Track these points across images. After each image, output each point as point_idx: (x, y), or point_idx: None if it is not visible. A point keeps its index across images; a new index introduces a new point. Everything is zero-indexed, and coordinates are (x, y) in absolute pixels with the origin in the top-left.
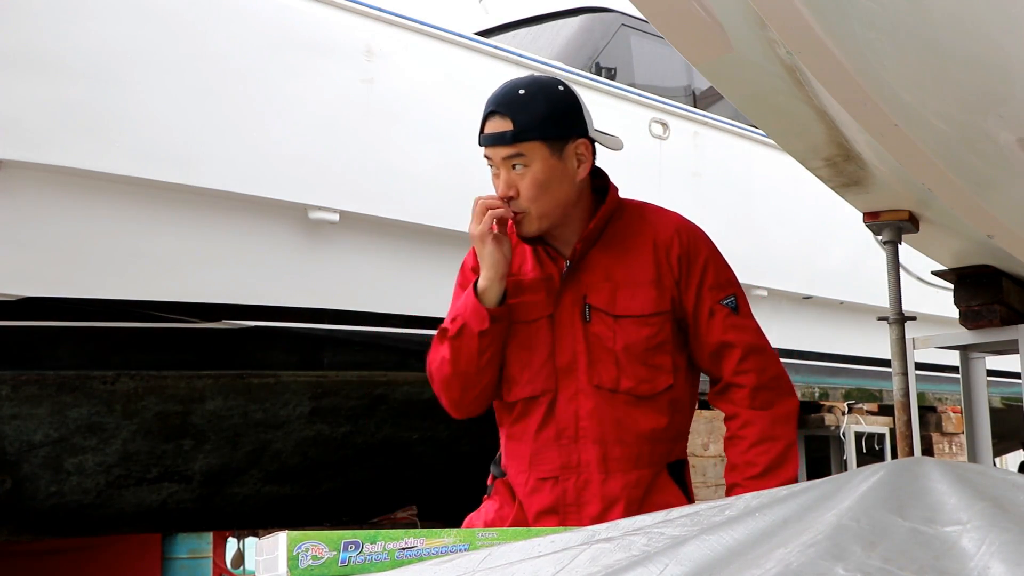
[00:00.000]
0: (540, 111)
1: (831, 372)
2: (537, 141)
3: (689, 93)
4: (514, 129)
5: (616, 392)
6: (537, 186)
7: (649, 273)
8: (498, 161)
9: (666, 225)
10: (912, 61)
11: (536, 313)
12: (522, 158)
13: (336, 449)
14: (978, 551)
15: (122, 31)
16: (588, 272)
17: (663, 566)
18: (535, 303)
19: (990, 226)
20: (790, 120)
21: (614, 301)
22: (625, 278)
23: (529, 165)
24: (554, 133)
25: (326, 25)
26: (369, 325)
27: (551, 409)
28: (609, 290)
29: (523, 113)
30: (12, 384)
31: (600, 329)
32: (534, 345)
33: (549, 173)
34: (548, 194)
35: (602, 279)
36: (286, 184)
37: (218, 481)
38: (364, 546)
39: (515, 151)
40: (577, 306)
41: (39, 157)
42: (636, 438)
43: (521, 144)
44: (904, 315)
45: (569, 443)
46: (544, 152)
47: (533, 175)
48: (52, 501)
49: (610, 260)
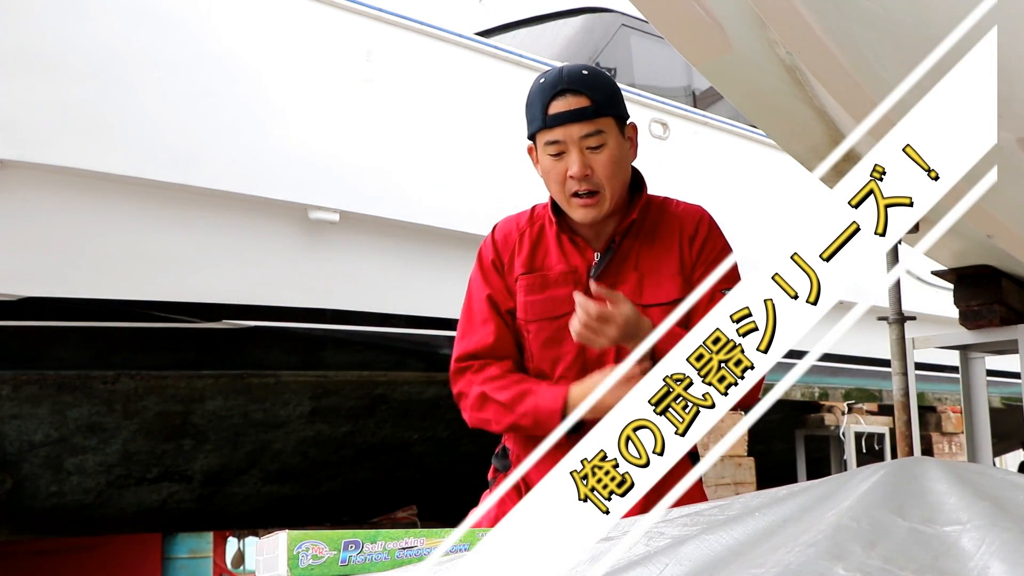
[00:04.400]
0: (611, 88)
1: (831, 372)
2: (612, 118)
3: (689, 93)
4: (592, 105)
5: None
6: (614, 164)
7: (674, 264)
8: (572, 140)
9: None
10: (912, 61)
11: (564, 308)
12: (601, 135)
13: (336, 449)
14: (978, 551)
15: (122, 31)
16: (617, 263)
17: (663, 566)
18: (562, 298)
19: (990, 226)
20: (790, 120)
21: (641, 291)
22: (651, 268)
23: (606, 143)
24: (624, 111)
25: (326, 25)
26: (369, 325)
27: None
28: (636, 280)
29: (597, 90)
30: (12, 384)
31: None
32: (564, 339)
33: (622, 151)
34: (622, 173)
35: (630, 269)
36: (286, 184)
37: (218, 481)
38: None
39: (595, 127)
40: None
41: (39, 157)
42: None
43: (600, 120)
44: (904, 315)
45: None
46: (616, 130)
47: (610, 152)
48: (52, 501)
49: (638, 251)
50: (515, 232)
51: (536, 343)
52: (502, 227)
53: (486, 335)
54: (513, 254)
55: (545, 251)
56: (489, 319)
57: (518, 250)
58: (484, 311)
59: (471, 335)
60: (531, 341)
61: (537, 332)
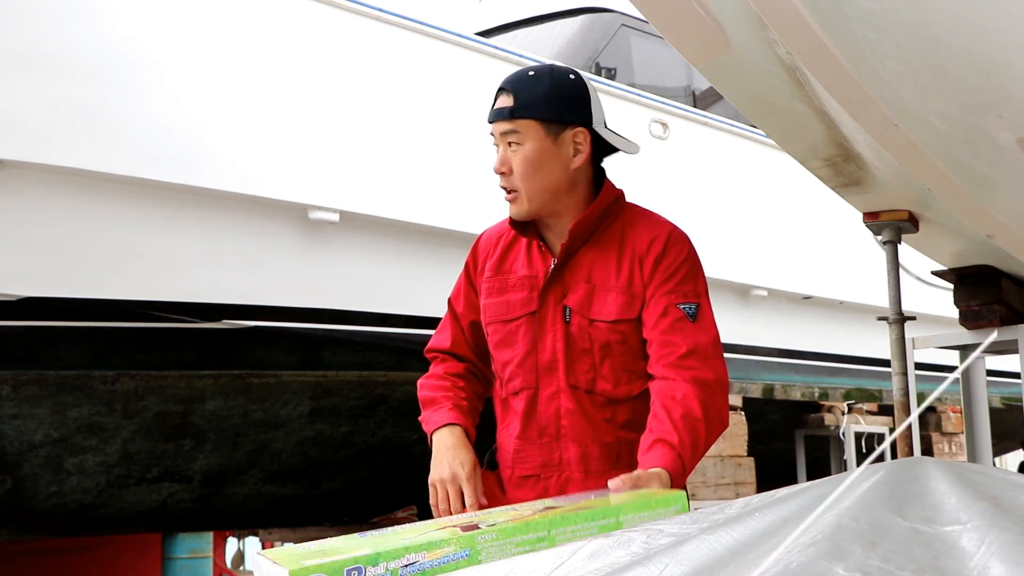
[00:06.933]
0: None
1: (831, 372)
2: (532, 120)
3: (689, 93)
4: (513, 106)
5: (592, 393)
6: (527, 164)
7: (622, 279)
8: (499, 137)
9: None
10: (912, 61)
11: (517, 311)
12: (517, 135)
13: (336, 449)
14: (978, 551)
15: (122, 31)
16: (572, 272)
17: (663, 566)
18: (517, 302)
19: (990, 226)
20: (790, 120)
21: (589, 304)
22: (601, 281)
23: (523, 143)
24: (549, 115)
25: (326, 25)
26: (369, 325)
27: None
28: (586, 292)
29: (525, 92)
30: (12, 384)
31: (578, 330)
32: (515, 342)
33: (541, 154)
34: (538, 175)
35: (582, 280)
36: (286, 184)
37: (218, 481)
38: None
39: (511, 127)
40: (559, 306)
41: (39, 157)
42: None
43: (517, 121)
44: (904, 315)
45: (551, 441)
46: (539, 132)
47: (524, 153)
48: (52, 501)
49: (592, 262)
50: (495, 237)
51: (492, 344)
52: (488, 232)
53: (444, 338)
54: (487, 258)
55: (515, 256)
56: (448, 321)
57: (492, 254)
58: (448, 313)
59: (438, 333)
60: (490, 342)
61: (493, 334)
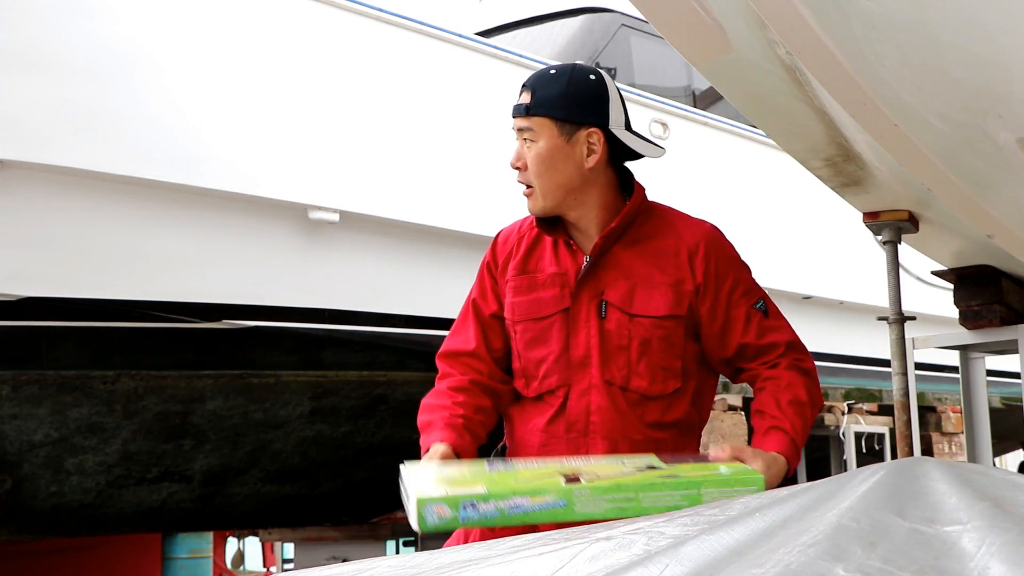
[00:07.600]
0: (557, 91)
1: (831, 372)
2: (546, 118)
3: (689, 93)
4: (529, 103)
5: (627, 390)
6: (540, 162)
7: (669, 276)
8: (516, 132)
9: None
10: (912, 61)
11: (549, 309)
12: (532, 132)
13: (336, 449)
14: (978, 551)
15: (122, 31)
16: (608, 269)
17: (663, 566)
18: (549, 299)
19: (990, 226)
20: (790, 120)
21: (631, 300)
22: (644, 278)
23: (537, 140)
24: (562, 115)
25: (326, 25)
26: (369, 325)
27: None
28: (627, 288)
29: (542, 90)
30: (12, 384)
31: (615, 326)
32: (548, 340)
33: (553, 152)
34: (550, 172)
35: (621, 277)
36: (286, 184)
37: (218, 481)
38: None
39: (527, 124)
40: (594, 302)
41: (39, 157)
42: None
43: (532, 118)
44: (904, 315)
45: (578, 437)
46: (552, 131)
47: (537, 150)
48: (52, 501)
49: (631, 259)
50: (515, 236)
51: (521, 343)
52: (505, 231)
53: (465, 340)
54: (509, 257)
55: (540, 255)
56: (469, 323)
57: (514, 253)
58: (468, 314)
59: (454, 335)
60: (517, 341)
61: (523, 332)
